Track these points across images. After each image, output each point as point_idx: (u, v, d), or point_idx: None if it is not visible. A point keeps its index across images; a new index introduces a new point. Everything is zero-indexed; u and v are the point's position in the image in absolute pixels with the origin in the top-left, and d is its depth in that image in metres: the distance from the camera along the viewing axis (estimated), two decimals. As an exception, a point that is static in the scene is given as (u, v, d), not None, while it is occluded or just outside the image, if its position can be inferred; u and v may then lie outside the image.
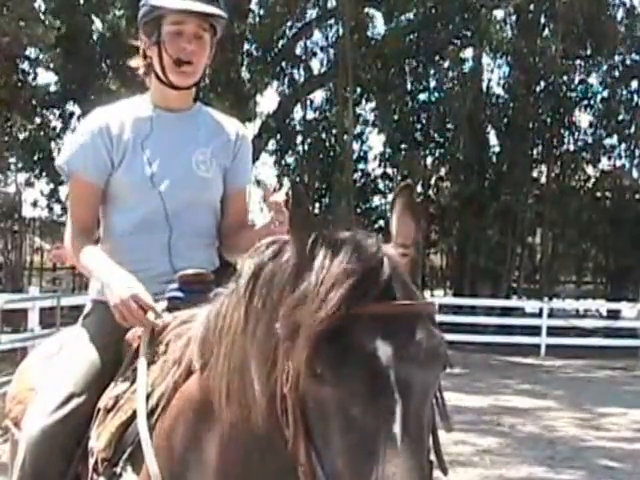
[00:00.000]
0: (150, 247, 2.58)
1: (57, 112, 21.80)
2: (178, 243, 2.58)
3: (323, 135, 23.64)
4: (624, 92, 23.63)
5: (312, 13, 23.31)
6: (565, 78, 22.77)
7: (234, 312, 1.87)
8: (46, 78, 29.52)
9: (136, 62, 2.73)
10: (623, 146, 23.69)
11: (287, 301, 1.63)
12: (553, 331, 17.24)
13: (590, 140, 23.62)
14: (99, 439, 2.21)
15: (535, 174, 23.69)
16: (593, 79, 23.74)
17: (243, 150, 2.77)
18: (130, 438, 2.15)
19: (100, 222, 2.71)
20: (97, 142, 2.59)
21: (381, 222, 23.28)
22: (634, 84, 23.41)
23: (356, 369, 1.50)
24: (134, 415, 2.15)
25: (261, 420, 1.77)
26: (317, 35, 23.88)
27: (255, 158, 20.87)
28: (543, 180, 23.63)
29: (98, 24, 20.55)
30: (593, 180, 24.12)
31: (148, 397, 2.14)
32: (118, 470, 2.13)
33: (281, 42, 22.14)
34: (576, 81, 23.47)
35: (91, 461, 2.22)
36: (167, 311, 2.35)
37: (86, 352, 2.48)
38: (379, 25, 23.38)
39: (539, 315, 17.82)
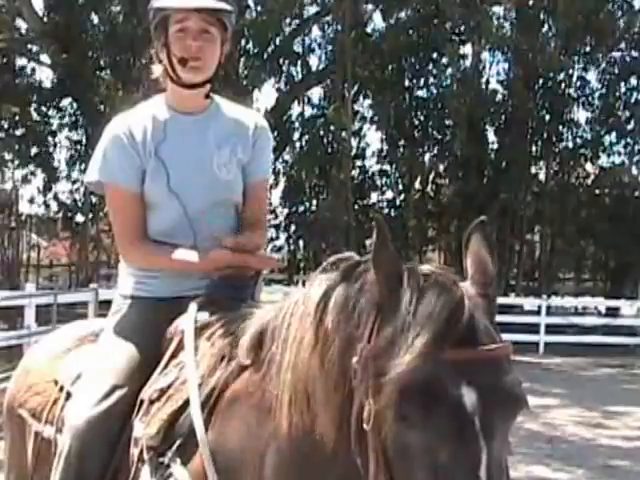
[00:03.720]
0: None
1: (54, 108, 21.77)
2: (203, 246, 2.55)
3: (321, 132, 23.59)
4: (623, 89, 23.60)
5: (310, 10, 23.30)
6: (564, 75, 22.73)
7: (300, 325, 1.94)
8: (43, 74, 29.43)
9: (157, 71, 2.68)
10: (622, 143, 23.68)
11: (371, 342, 1.68)
12: (552, 329, 17.21)
13: (589, 137, 23.59)
14: (148, 427, 2.22)
15: (534, 171, 23.67)
16: (592, 75, 23.76)
17: (261, 142, 2.73)
18: (181, 429, 2.17)
19: None
20: (129, 150, 2.56)
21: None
22: (633, 81, 23.39)
23: (443, 416, 1.55)
24: (185, 405, 2.18)
25: (328, 440, 1.83)
26: (315, 32, 23.88)
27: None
28: (542, 177, 23.61)
29: (95, 20, 20.52)
30: (592, 177, 24.10)
31: (199, 389, 2.16)
32: (166, 460, 2.15)
33: (279, 39, 22.10)
34: (575, 78, 23.44)
35: (135, 451, 2.24)
36: (206, 306, 2.40)
37: (125, 346, 2.49)
38: (377, 22, 23.37)
39: (538, 313, 17.80)
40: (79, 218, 22.40)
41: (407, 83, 23.07)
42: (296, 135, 23.88)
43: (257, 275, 2.59)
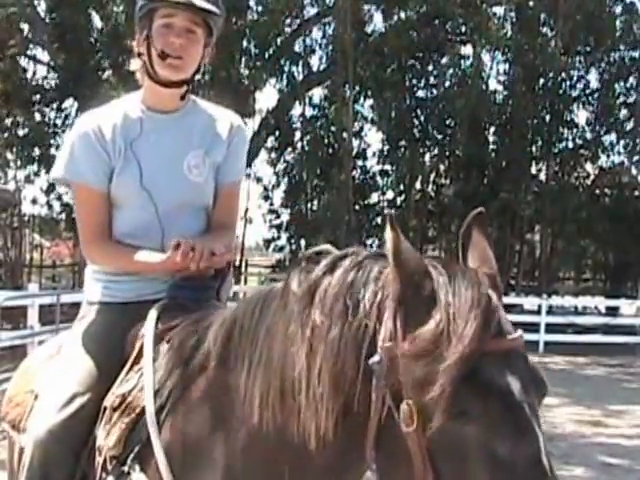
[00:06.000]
0: (144, 249, 2.54)
1: (56, 108, 21.78)
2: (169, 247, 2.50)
3: (322, 132, 23.61)
4: (622, 89, 23.64)
5: (311, 10, 23.33)
6: (564, 75, 22.77)
7: (274, 319, 1.88)
8: (45, 74, 29.44)
9: (135, 65, 2.62)
10: (622, 143, 23.71)
11: (404, 340, 1.61)
12: (552, 328, 17.22)
13: (589, 137, 23.63)
14: (108, 437, 2.19)
15: (534, 171, 23.70)
16: (592, 75, 23.79)
17: (236, 143, 2.66)
18: (138, 436, 2.15)
19: None
20: (97, 148, 2.51)
21: (379, 219, 23.29)
22: (632, 81, 23.41)
23: (498, 406, 1.52)
24: (142, 413, 2.15)
25: (305, 440, 1.77)
26: (316, 32, 23.89)
27: (254, 155, 20.89)
28: (542, 177, 23.63)
29: (97, 20, 20.55)
30: (592, 177, 24.13)
31: (156, 395, 2.14)
32: (126, 469, 2.12)
33: (280, 39, 22.12)
34: (575, 78, 23.47)
35: (99, 460, 2.20)
36: (168, 309, 2.35)
37: (89, 352, 2.45)
38: (378, 22, 23.39)
39: (538, 312, 17.81)
40: (81, 218, 22.40)
41: (408, 83, 23.07)
42: (297, 135, 23.88)
43: (221, 274, 2.52)
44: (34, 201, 22.40)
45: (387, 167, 23.78)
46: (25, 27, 20.39)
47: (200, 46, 2.54)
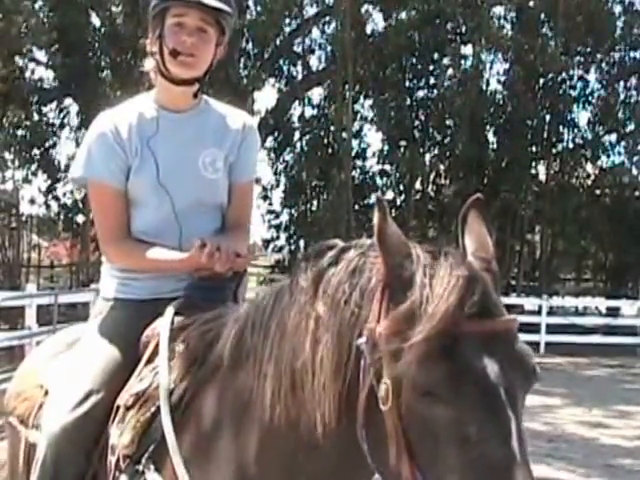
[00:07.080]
0: (162, 247, 2.55)
1: (54, 108, 21.77)
2: (188, 243, 2.49)
3: (322, 132, 23.59)
4: (622, 89, 23.63)
5: (310, 10, 23.32)
6: (564, 75, 22.76)
7: (283, 314, 1.90)
8: (43, 74, 29.44)
9: (148, 65, 2.65)
10: (622, 143, 23.68)
11: (384, 320, 1.63)
12: (552, 329, 17.22)
13: (589, 137, 23.61)
14: (122, 436, 2.19)
15: (534, 171, 23.68)
16: (592, 76, 23.77)
17: (248, 142, 2.69)
18: (153, 435, 2.15)
19: None
20: (114, 147, 2.53)
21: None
22: (633, 81, 23.39)
23: (469, 387, 1.52)
24: (157, 412, 2.15)
25: (315, 430, 1.78)
26: (315, 32, 23.88)
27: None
28: (542, 177, 23.62)
29: (95, 20, 20.53)
30: (592, 177, 24.11)
31: (171, 394, 2.14)
32: (140, 468, 2.13)
33: (279, 39, 22.10)
34: (575, 78, 23.47)
35: (112, 459, 2.20)
36: (184, 308, 2.36)
37: (103, 349, 2.46)
38: (377, 22, 23.38)
39: (538, 312, 17.80)
40: (80, 218, 22.38)
41: (408, 83, 23.05)
42: (297, 135, 23.85)
43: (239, 275, 2.54)
44: (32, 201, 22.38)
45: (387, 167, 23.76)
46: (24, 27, 20.35)
47: (212, 45, 2.57)
